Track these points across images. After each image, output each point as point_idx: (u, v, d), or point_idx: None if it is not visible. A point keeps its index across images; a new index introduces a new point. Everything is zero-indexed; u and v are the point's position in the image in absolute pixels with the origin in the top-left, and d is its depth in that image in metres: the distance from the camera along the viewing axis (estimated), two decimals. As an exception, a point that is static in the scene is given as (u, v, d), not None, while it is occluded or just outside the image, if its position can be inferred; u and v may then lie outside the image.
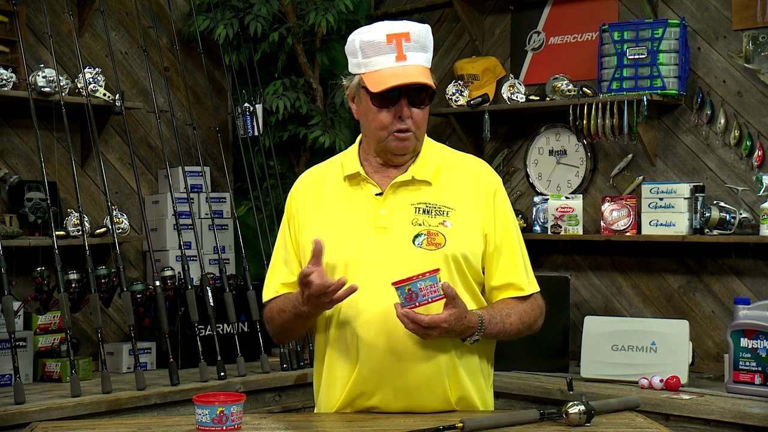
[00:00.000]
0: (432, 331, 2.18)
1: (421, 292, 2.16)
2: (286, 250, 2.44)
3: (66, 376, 3.86)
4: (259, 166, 4.77)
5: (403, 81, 2.25)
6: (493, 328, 2.29)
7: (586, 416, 2.17)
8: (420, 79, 2.26)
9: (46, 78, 3.94)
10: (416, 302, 2.17)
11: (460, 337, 2.26)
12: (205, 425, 2.13)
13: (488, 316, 2.29)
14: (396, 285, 2.17)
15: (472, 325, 2.24)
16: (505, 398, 3.97)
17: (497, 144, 4.86)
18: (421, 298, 2.16)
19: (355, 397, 2.30)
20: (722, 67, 4.12)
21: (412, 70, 2.27)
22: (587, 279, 4.54)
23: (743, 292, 4.04)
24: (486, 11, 4.91)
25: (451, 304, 2.18)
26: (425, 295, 2.17)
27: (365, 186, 2.38)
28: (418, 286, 2.16)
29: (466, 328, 2.23)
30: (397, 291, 2.18)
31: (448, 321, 2.18)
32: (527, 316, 2.37)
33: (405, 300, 2.17)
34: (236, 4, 4.73)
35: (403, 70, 2.27)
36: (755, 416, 3.35)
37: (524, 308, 2.37)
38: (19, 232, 3.97)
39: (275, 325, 2.42)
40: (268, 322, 2.45)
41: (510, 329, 2.33)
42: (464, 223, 2.33)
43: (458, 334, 2.24)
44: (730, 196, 4.07)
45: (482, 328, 2.26)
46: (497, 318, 2.31)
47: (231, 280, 4.37)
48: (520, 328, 2.35)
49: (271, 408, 4.13)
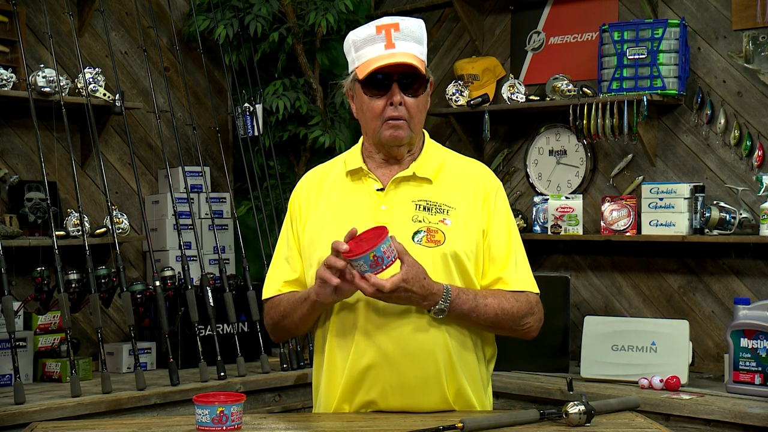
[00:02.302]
0: (394, 293, 2.16)
1: (385, 255, 2.13)
2: (288, 247, 2.44)
3: (66, 376, 3.87)
4: (259, 166, 4.77)
5: (388, 62, 2.26)
6: (463, 304, 2.25)
7: (586, 416, 2.17)
8: (406, 60, 2.26)
9: (46, 78, 3.94)
10: (383, 266, 2.14)
11: (424, 305, 2.22)
12: (205, 425, 2.13)
13: (457, 290, 2.26)
14: (360, 254, 2.12)
15: (434, 291, 2.21)
16: (505, 398, 3.97)
17: (497, 144, 4.87)
18: (386, 260, 2.13)
19: (355, 389, 2.29)
20: (722, 67, 4.12)
21: (400, 55, 2.28)
22: (587, 279, 4.54)
23: (743, 292, 4.04)
24: (486, 11, 4.91)
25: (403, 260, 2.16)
26: (388, 257, 2.14)
27: (366, 181, 2.38)
28: (382, 250, 2.12)
29: (429, 292, 2.20)
30: (359, 261, 2.13)
31: (406, 279, 2.16)
32: (510, 306, 2.31)
33: (371, 267, 2.13)
34: (236, 4, 4.74)
35: (391, 55, 2.28)
36: (755, 416, 3.35)
37: (508, 297, 2.32)
38: (19, 232, 3.97)
39: (276, 320, 2.42)
40: (269, 319, 2.45)
41: (485, 311, 2.28)
42: (464, 222, 2.33)
43: (421, 297, 2.20)
44: (730, 196, 4.07)
45: (447, 297, 2.23)
46: (469, 295, 2.27)
47: (231, 280, 4.37)
48: (498, 314, 2.29)
49: (271, 408, 4.13)
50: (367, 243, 2.14)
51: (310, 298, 2.29)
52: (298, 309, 2.34)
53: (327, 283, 2.19)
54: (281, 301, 2.41)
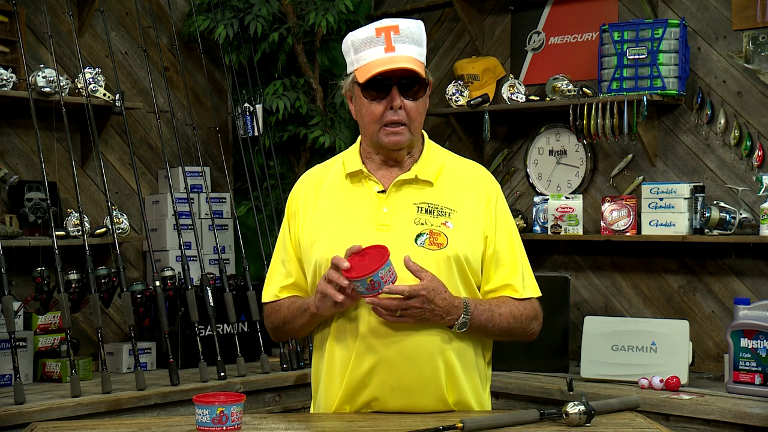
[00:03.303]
0: (413, 301, 2.16)
1: (383, 280, 2.14)
2: (285, 251, 2.44)
3: (66, 376, 3.87)
4: (259, 166, 4.78)
5: (388, 67, 2.25)
6: (481, 315, 2.27)
7: (586, 416, 2.17)
8: (406, 65, 2.25)
9: (46, 78, 3.94)
10: (379, 290, 2.14)
11: (446, 320, 2.23)
12: (205, 425, 2.13)
13: (474, 302, 2.28)
14: (358, 277, 2.13)
15: (456, 305, 2.23)
16: (505, 398, 3.97)
17: (497, 144, 4.87)
18: (383, 285, 2.14)
19: (355, 393, 2.29)
20: (722, 67, 4.12)
21: (400, 59, 2.27)
22: (587, 279, 4.54)
23: (743, 292, 4.04)
24: (486, 11, 4.91)
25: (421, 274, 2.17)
26: (386, 281, 2.14)
27: (367, 183, 2.38)
28: (380, 275, 2.13)
29: (450, 306, 2.22)
30: (355, 283, 2.14)
31: (426, 288, 2.17)
32: (519, 314, 2.34)
33: (367, 290, 2.14)
34: (236, 5, 4.74)
35: (390, 59, 2.27)
36: (755, 416, 3.35)
37: (517, 305, 2.35)
38: (19, 232, 3.97)
39: (276, 325, 2.44)
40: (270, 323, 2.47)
41: (500, 321, 2.30)
42: (466, 225, 2.33)
43: (443, 311, 2.21)
44: (730, 196, 4.07)
45: (468, 310, 2.24)
46: (485, 306, 2.29)
47: (231, 280, 4.38)
48: (510, 323, 2.32)
49: (271, 408, 4.13)
50: (368, 261, 2.14)
51: (309, 310, 2.30)
52: (298, 318, 2.36)
53: (327, 297, 2.20)
54: (281, 308, 2.42)
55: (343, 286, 2.17)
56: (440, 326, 2.26)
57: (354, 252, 2.17)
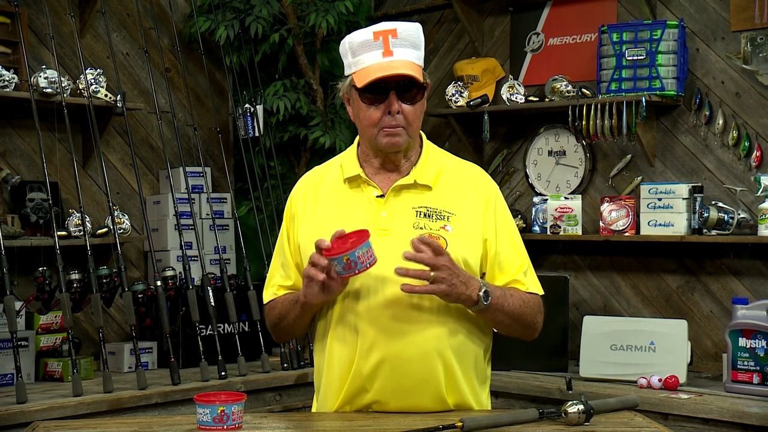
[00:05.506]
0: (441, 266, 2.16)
1: (359, 260, 2.14)
2: (283, 254, 2.46)
3: (67, 375, 3.88)
4: (259, 166, 4.79)
5: (387, 73, 2.25)
6: (495, 290, 2.28)
7: (585, 415, 2.18)
8: (404, 71, 2.26)
9: (48, 79, 3.95)
10: (355, 270, 2.15)
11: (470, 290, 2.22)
12: (206, 425, 2.14)
13: (487, 284, 2.29)
14: (335, 255, 2.14)
15: (475, 283, 2.23)
16: (505, 398, 3.99)
17: (497, 145, 4.88)
18: (360, 265, 2.15)
19: (356, 394, 2.31)
20: (721, 68, 4.14)
21: (398, 64, 2.27)
22: (586, 279, 4.56)
23: (741, 292, 4.05)
24: (485, 12, 4.92)
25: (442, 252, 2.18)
26: (363, 262, 2.15)
27: (366, 188, 2.38)
28: (357, 254, 2.13)
29: (468, 276, 2.22)
30: (333, 262, 2.15)
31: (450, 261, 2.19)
32: (528, 299, 2.36)
33: (344, 269, 2.15)
34: (237, 6, 4.75)
35: (389, 64, 2.27)
36: (753, 415, 3.36)
37: (525, 295, 2.37)
38: (21, 233, 3.98)
39: (274, 323, 2.46)
40: (269, 321, 2.49)
41: (512, 302, 2.31)
42: (464, 229, 2.33)
43: (466, 279, 2.21)
44: (728, 196, 4.08)
45: (486, 290, 2.24)
46: (498, 290, 2.30)
47: (232, 280, 4.38)
48: (521, 306, 2.33)
49: (272, 407, 4.14)
50: (349, 245, 2.15)
51: (300, 300, 2.31)
52: (291, 311, 2.37)
53: (313, 281, 2.21)
54: (277, 305, 2.44)
55: (323, 265, 2.18)
56: (439, 327, 2.27)
57: (338, 237, 2.19)
